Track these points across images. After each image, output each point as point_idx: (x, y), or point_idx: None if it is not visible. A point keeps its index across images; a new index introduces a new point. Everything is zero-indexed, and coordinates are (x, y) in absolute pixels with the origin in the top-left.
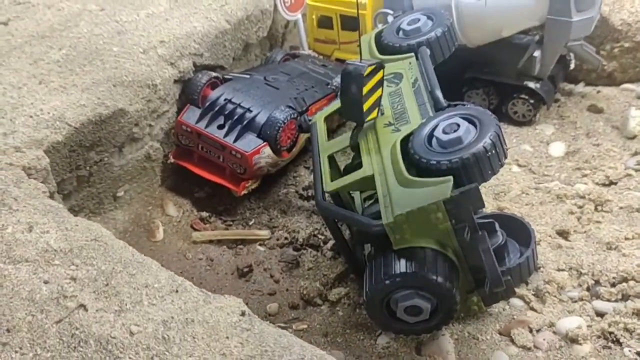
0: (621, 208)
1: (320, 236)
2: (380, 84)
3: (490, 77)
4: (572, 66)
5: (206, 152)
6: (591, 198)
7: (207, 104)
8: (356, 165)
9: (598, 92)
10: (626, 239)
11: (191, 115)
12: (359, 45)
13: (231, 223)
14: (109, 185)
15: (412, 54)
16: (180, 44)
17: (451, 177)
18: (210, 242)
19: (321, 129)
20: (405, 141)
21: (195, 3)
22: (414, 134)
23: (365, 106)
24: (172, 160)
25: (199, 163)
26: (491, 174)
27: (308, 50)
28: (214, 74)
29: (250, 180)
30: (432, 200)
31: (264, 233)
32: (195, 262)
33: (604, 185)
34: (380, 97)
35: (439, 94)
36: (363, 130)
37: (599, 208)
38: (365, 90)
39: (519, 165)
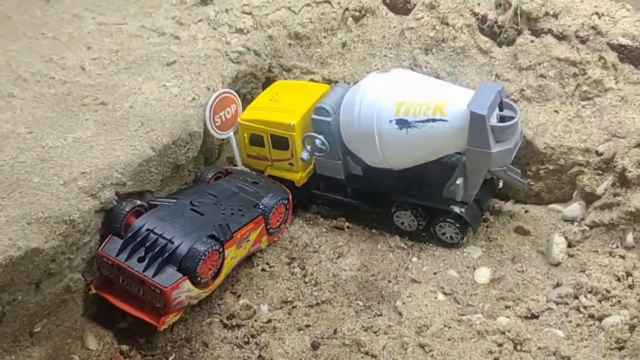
0: (539, 349)
1: None
2: None
3: (417, 200)
4: (500, 185)
5: (126, 284)
6: (510, 336)
7: (129, 234)
8: None
9: (526, 211)
10: None
11: (112, 247)
12: (291, 164)
13: (151, 358)
14: (25, 323)
15: None
16: (102, 175)
17: None
18: None
19: None
20: None
21: (122, 128)
22: None
23: None
24: (93, 290)
25: (120, 294)
26: None
27: (242, 165)
28: (138, 202)
29: (171, 314)
30: None
31: None
32: None
33: (525, 318)
34: None
35: None
36: None
37: (518, 347)
38: None
39: (444, 294)
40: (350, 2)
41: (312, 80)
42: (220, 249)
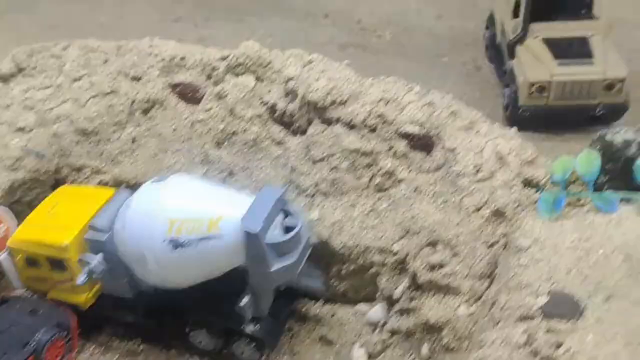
0: None
1: None
2: None
3: (210, 319)
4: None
5: None
6: None
7: None
8: None
9: (332, 315)
10: None
11: None
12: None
13: None
14: None
15: None
16: None
17: None
18: None
19: None
20: None
21: None
22: None
23: None
24: None
25: None
26: None
27: (22, 290)
28: None
29: None
30: None
31: None
32: None
33: None
34: None
35: None
36: None
37: None
38: None
39: None
40: (137, 92)
41: (101, 181)
42: None
